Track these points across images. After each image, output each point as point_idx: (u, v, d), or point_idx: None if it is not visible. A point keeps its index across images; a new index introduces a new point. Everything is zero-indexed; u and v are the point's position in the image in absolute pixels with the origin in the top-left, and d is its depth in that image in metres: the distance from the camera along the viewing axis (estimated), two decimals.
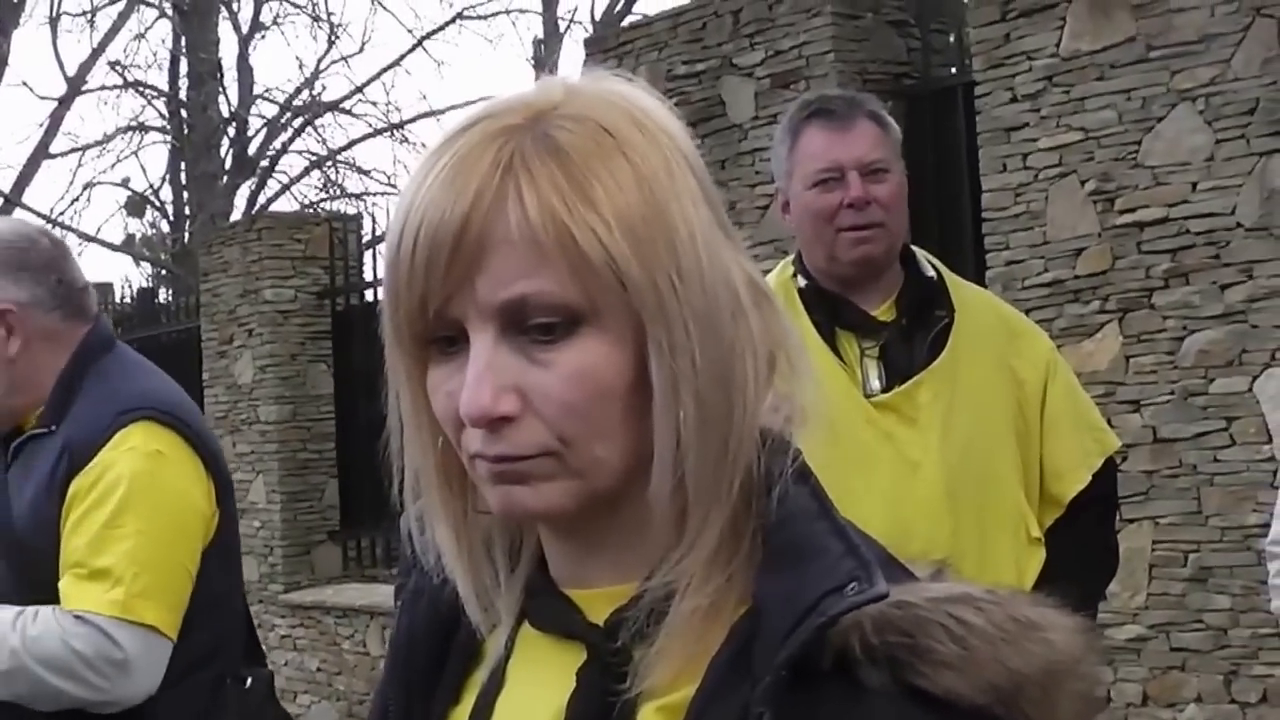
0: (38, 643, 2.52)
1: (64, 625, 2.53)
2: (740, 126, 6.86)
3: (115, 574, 2.55)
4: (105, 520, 2.56)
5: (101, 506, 2.57)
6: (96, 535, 2.56)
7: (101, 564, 2.55)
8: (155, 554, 2.59)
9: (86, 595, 2.54)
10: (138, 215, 23.63)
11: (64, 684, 2.53)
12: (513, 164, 0.98)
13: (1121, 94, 5.47)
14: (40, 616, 2.55)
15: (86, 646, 2.52)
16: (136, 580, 2.55)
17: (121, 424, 2.64)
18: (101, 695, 2.55)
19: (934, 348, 2.83)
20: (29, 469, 2.66)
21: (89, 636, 2.52)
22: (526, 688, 1.10)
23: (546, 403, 0.99)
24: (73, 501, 2.59)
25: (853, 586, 0.96)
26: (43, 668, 2.52)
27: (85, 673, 2.53)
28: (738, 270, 1.04)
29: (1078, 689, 0.98)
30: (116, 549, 2.56)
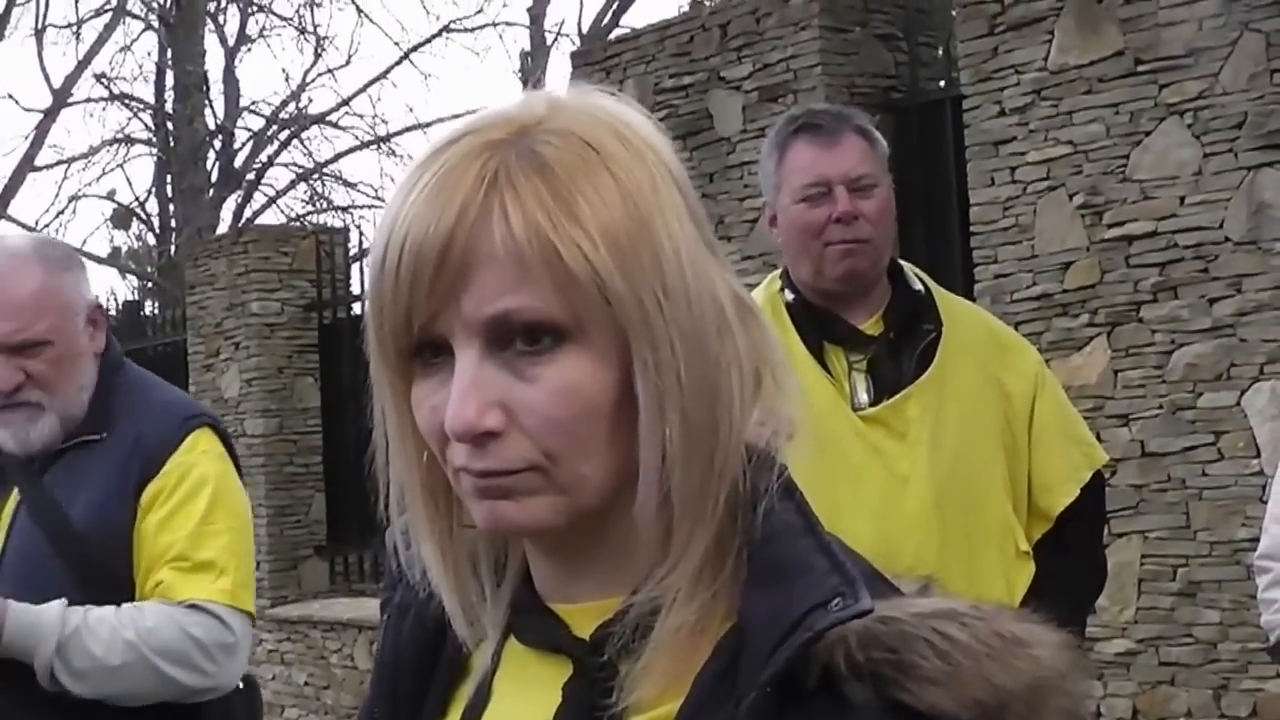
0: (154, 634, 2.60)
1: (179, 615, 2.63)
2: (728, 140, 6.87)
3: (219, 565, 2.67)
4: (200, 517, 2.68)
5: (191, 505, 2.68)
6: (195, 531, 2.67)
7: (205, 557, 2.66)
8: (243, 548, 2.76)
9: (198, 586, 2.65)
10: (123, 228, 23.65)
11: (178, 673, 2.61)
12: (497, 179, 0.98)
13: (1109, 108, 5.48)
14: (149, 609, 2.63)
15: (204, 634, 2.63)
16: (237, 571, 2.71)
17: (189, 429, 2.74)
18: (209, 682, 2.67)
19: (922, 361, 2.83)
20: (82, 473, 2.70)
21: (206, 624, 2.63)
22: (513, 702, 1.10)
23: (531, 418, 0.98)
24: (153, 502, 2.67)
25: (837, 602, 0.95)
26: (160, 658, 2.60)
27: (200, 660, 2.64)
28: (723, 286, 1.04)
29: (1064, 705, 0.97)
30: (215, 543, 2.68)
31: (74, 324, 2.70)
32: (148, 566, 2.66)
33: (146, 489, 2.67)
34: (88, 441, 2.71)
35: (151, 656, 2.58)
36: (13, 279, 2.66)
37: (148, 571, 2.67)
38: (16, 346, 2.64)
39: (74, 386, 2.71)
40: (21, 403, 2.67)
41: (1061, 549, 2.89)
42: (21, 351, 2.65)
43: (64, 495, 2.69)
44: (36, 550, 2.68)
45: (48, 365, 2.67)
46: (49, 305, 2.67)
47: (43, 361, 2.66)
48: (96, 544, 2.67)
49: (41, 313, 2.66)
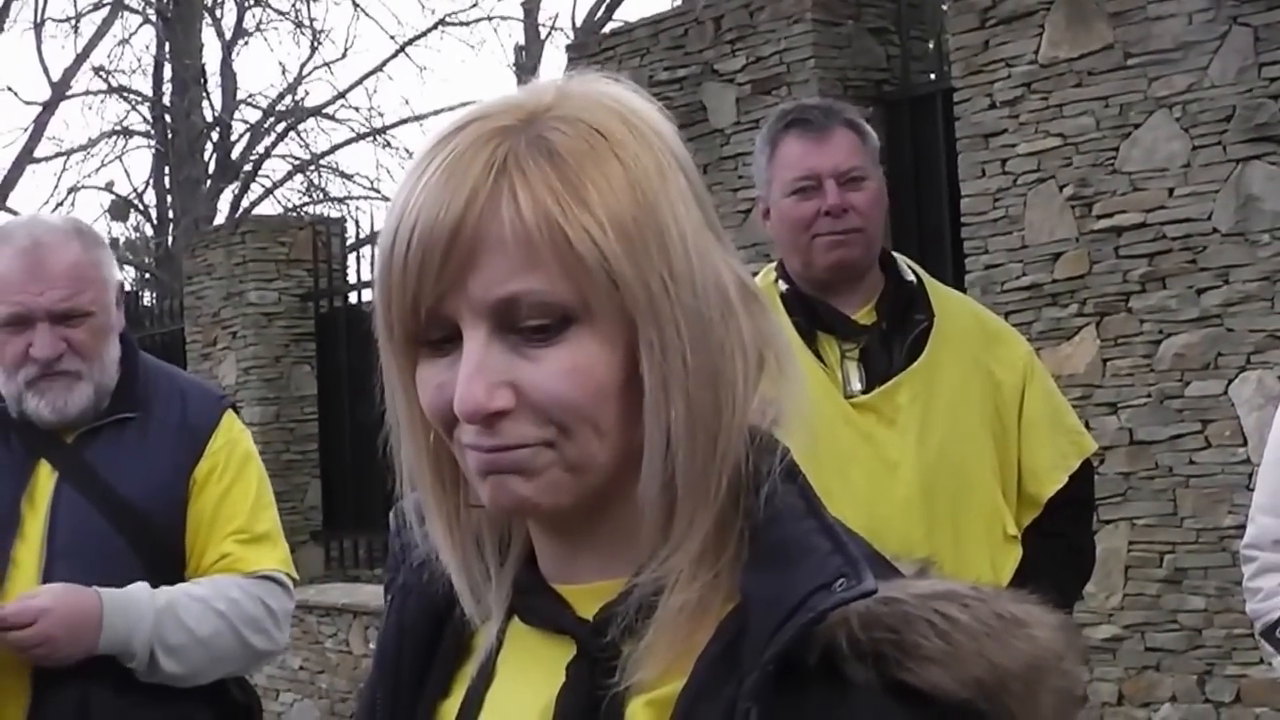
0: (239, 605, 2.69)
1: (255, 585, 2.73)
2: (722, 132, 6.90)
3: (274, 537, 2.81)
4: (255, 492, 2.79)
5: (243, 480, 2.79)
6: (252, 505, 2.77)
7: (263, 528, 2.79)
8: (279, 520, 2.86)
9: (263, 556, 2.77)
10: (121, 219, 23.61)
11: (257, 640, 2.73)
12: (507, 165, 0.99)
13: (1099, 101, 5.53)
14: (227, 582, 2.72)
15: (274, 600, 2.75)
16: (284, 540, 2.84)
17: (224, 409, 2.86)
18: (275, 647, 2.82)
19: (913, 350, 2.86)
20: (125, 451, 2.75)
21: (275, 592, 2.76)
22: (516, 682, 1.11)
23: (540, 397, 1.00)
24: (208, 479, 2.76)
25: (840, 583, 0.96)
26: (245, 627, 2.70)
27: (272, 627, 2.76)
28: (727, 271, 1.05)
29: (1060, 685, 0.99)
30: (268, 515, 2.81)
31: (110, 298, 2.75)
32: (206, 542, 2.74)
33: (198, 467, 2.75)
34: (123, 420, 2.76)
35: (239, 626, 2.68)
36: (59, 250, 2.70)
37: (206, 546, 2.73)
38: (62, 315, 2.68)
39: (108, 359, 2.75)
40: (60, 371, 2.70)
41: (1049, 535, 2.92)
42: (66, 320, 2.69)
43: (111, 473, 2.73)
44: (93, 528, 2.69)
45: (88, 335, 2.71)
46: (92, 277, 2.72)
47: (84, 331, 2.70)
48: (157, 520, 2.73)
49: (87, 283, 2.71)
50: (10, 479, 2.73)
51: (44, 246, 2.70)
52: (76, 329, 2.70)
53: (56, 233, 2.74)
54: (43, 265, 2.68)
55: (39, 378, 2.69)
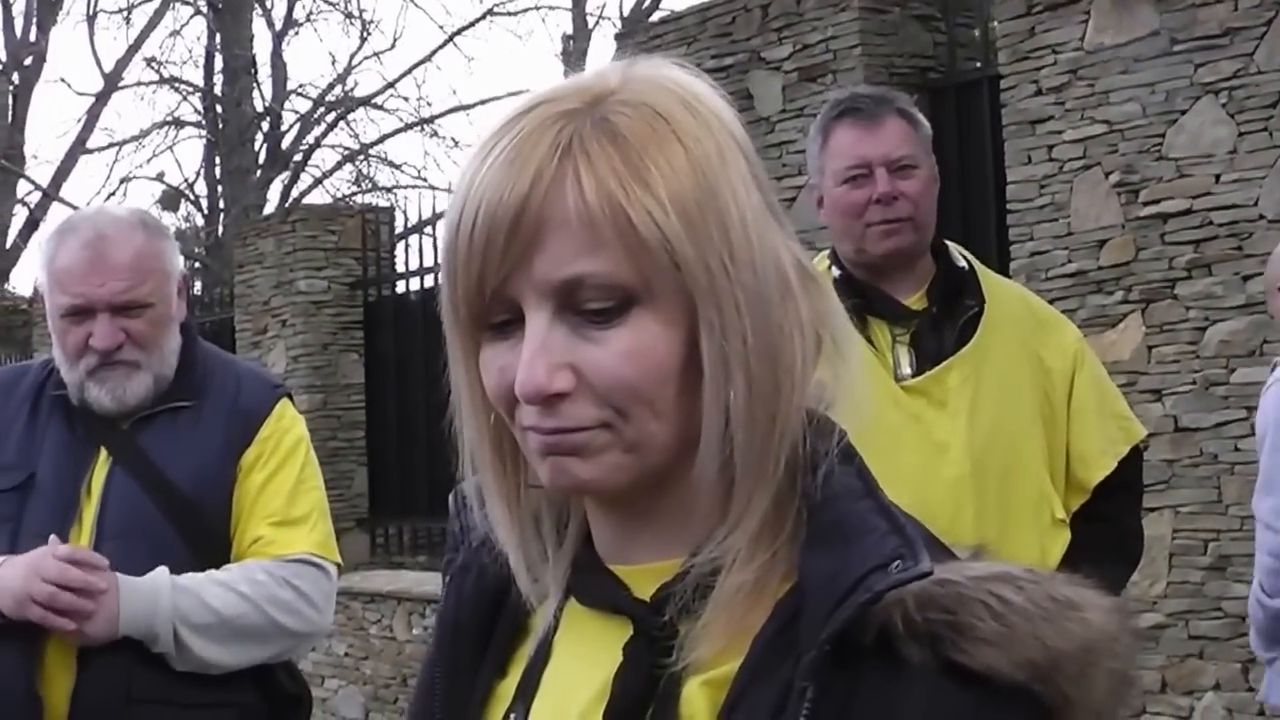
0: (264, 586, 2.73)
1: (282, 567, 2.77)
2: (768, 120, 6.91)
3: (311, 520, 2.84)
4: (296, 477, 2.83)
5: (288, 466, 2.83)
6: (291, 490, 2.82)
7: (299, 512, 2.83)
8: (326, 506, 2.91)
9: (295, 539, 2.81)
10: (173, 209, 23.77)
11: (289, 621, 2.76)
12: (571, 147, 1.00)
13: (1145, 87, 5.51)
14: (253, 564, 2.76)
15: (306, 582, 2.78)
16: (324, 525, 2.87)
17: (277, 397, 2.92)
18: (313, 629, 2.83)
19: (963, 335, 2.89)
20: (177, 437, 2.81)
21: (307, 573, 2.79)
22: (573, 661, 1.12)
23: (601, 378, 1.01)
24: (254, 465, 2.83)
25: (897, 564, 0.97)
26: (273, 607, 2.73)
27: (306, 608, 2.78)
28: (786, 253, 1.06)
29: (1113, 667, 0.99)
30: (308, 499, 2.85)
31: (171, 289, 2.81)
32: (245, 526, 2.79)
33: (246, 453, 2.81)
34: (178, 407, 2.82)
35: (264, 606, 2.71)
36: (121, 242, 2.77)
37: (245, 530, 2.79)
38: (121, 306, 2.75)
39: (167, 349, 2.82)
40: (119, 361, 2.76)
41: (1098, 521, 2.93)
42: (125, 312, 2.75)
43: (162, 459, 2.79)
44: (142, 514, 2.75)
45: (147, 326, 2.77)
46: (153, 269, 2.78)
47: (143, 322, 2.77)
48: (204, 506, 2.78)
49: (147, 275, 2.77)
50: (72, 464, 2.80)
51: (106, 239, 2.76)
52: (136, 320, 2.76)
53: (120, 225, 2.80)
54: (104, 258, 2.75)
55: (99, 367, 2.76)
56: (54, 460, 2.80)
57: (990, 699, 0.95)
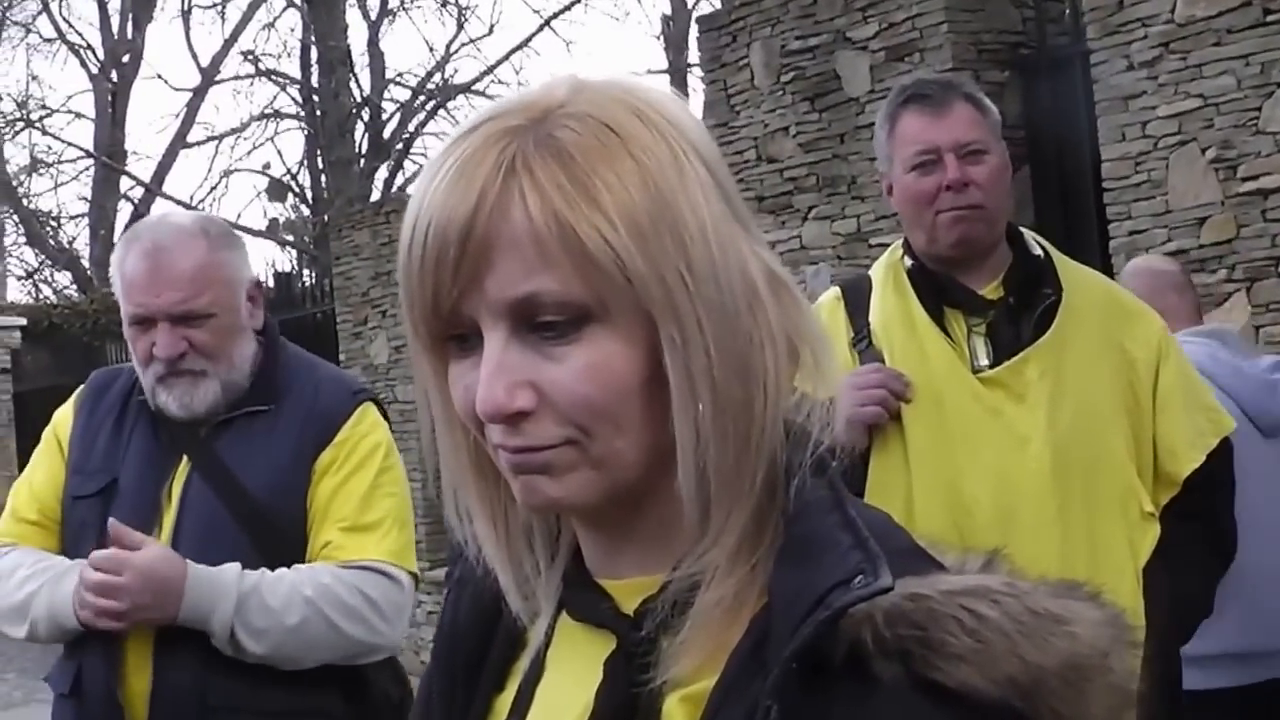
0: (330, 591, 2.69)
1: (352, 574, 2.73)
2: (856, 100, 6.83)
3: (385, 527, 2.80)
4: (370, 483, 2.80)
5: (362, 472, 2.81)
6: (365, 495, 2.79)
7: (371, 519, 2.79)
8: (406, 513, 2.86)
9: (365, 546, 2.77)
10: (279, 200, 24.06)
11: (354, 629, 2.71)
12: (515, 165, 0.99)
13: (1240, 59, 5.35)
14: (322, 569, 2.73)
15: (375, 590, 2.74)
16: (401, 533, 2.83)
17: (358, 402, 2.89)
18: (381, 640, 2.77)
19: (1040, 325, 2.84)
20: (253, 443, 2.81)
21: (378, 582, 2.75)
22: (563, 676, 1.12)
23: (562, 396, 1.00)
24: (327, 470, 2.80)
25: (860, 580, 0.94)
26: (337, 613, 2.70)
27: (373, 617, 2.73)
28: (755, 261, 1.04)
29: (1108, 682, 0.97)
30: (382, 505, 2.81)
31: (236, 298, 2.81)
32: (318, 531, 2.77)
33: (321, 457, 2.79)
34: (255, 412, 2.82)
35: (329, 612, 2.67)
36: (178, 253, 2.77)
37: (317, 535, 2.77)
38: (180, 317, 2.75)
39: (236, 356, 2.81)
40: (185, 370, 2.77)
41: (1189, 516, 2.87)
42: (186, 322, 2.76)
43: (236, 465, 2.79)
44: (216, 520, 2.76)
45: (210, 335, 2.77)
46: (213, 279, 2.78)
47: (206, 332, 2.77)
48: (274, 511, 2.78)
49: (205, 286, 2.76)
50: (154, 471, 2.82)
51: (164, 250, 2.77)
52: (197, 329, 2.77)
53: (180, 234, 2.80)
54: (160, 269, 2.75)
55: (166, 375, 2.78)
56: (136, 466, 2.82)
57: (968, 717, 0.93)
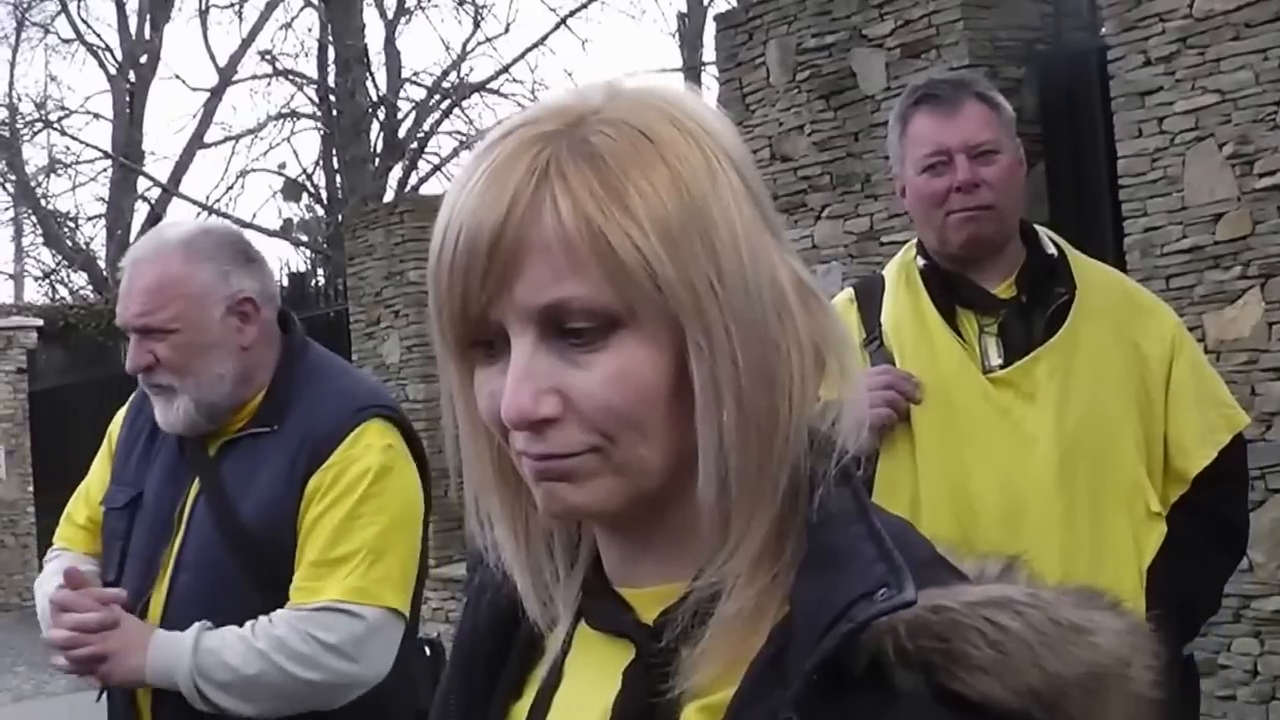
0: (283, 643, 2.60)
1: (307, 620, 2.62)
2: (872, 98, 6.81)
3: (354, 561, 2.65)
4: (346, 513, 2.65)
5: (344, 501, 2.66)
6: (338, 528, 2.65)
7: (340, 553, 2.65)
8: (392, 541, 2.69)
9: (327, 585, 2.64)
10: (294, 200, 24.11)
11: (313, 676, 2.61)
12: (548, 171, 0.99)
13: (1258, 54, 5.32)
14: (278, 618, 2.63)
15: (331, 634, 2.62)
16: (375, 566, 2.65)
17: (358, 421, 2.73)
18: (346, 680, 2.65)
19: (1052, 324, 2.83)
20: (254, 466, 2.72)
21: (334, 622, 2.62)
22: (581, 684, 1.11)
23: (587, 403, 0.99)
24: (313, 496, 2.68)
25: (883, 593, 0.95)
26: (293, 663, 2.60)
27: (331, 660, 2.61)
28: (784, 269, 1.04)
29: (1129, 691, 0.96)
30: (357, 538, 2.65)
31: (204, 314, 2.72)
32: (300, 564, 2.67)
33: (310, 482, 2.68)
34: (261, 433, 2.74)
35: (284, 662, 2.59)
36: (147, 266, 2.72)
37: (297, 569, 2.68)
38: (143, 330, 2.70)
39: (208, 374, 2.72)
40: (156, 385, 2.73)
41: (1198, 512, 2.86)
42: (150, 336, 2.71)
43: (236, 487, 2.72)
44: (212, 547, 2.71)
45: (173, 351, 2.70)
46: (177, 294, 2.70)
47: (168, 347, 2.70)
48: (264, 539, 2.69)
49: (168, 300, 2.70)
50: (172, 487, 2.78)
51: (138, 261, 2.74)
52: (160, 343, 2.71)
53: (161, 246, 2.75)
54: (131, 280, 2.73)
55: (148, 388, 2.77)
56: (158, 481, 2.79)
57: None
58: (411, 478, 2.78)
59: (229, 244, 2.81)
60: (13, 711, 10.69)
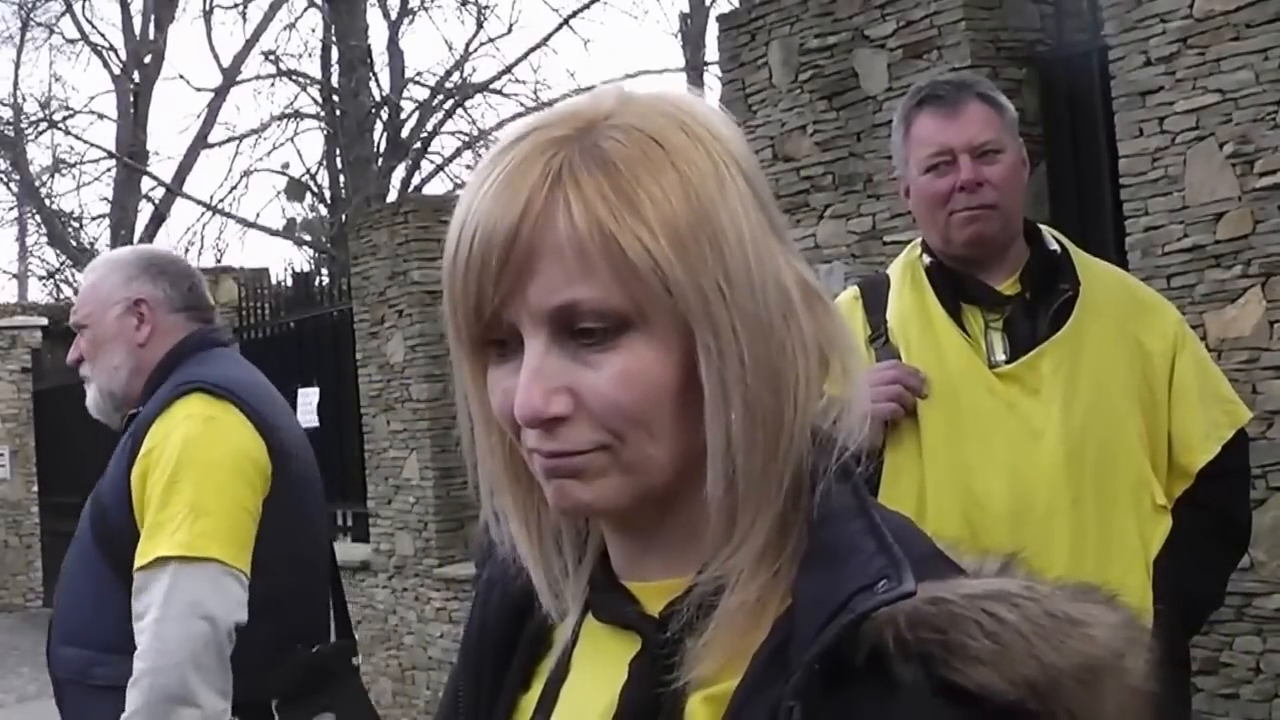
0: (147, 645, 2.84)
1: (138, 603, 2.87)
2: (874, 98, 6.82)
3: (176, 521, 2.88)
4: (165, 484, 2.91)
5: (162, 472, 2.93)
6: (161, 494, 2.90)
7: (163, 516, 2.89)
8: (212, 499, 2.91)
9: (157, 544, 2.87)
10: (297, 199, 24.12)
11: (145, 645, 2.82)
12: (561, 175, 1.02)
13: (1258, 54, 5.31)
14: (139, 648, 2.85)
15: (145, 599, 2.84)
16: (197, 523, 2.87)
17: (176, 395, 3.03)
18: (214, 634, 2.83)
19: (1057, 320, 2.86)
20: (119, 453, 3.04)
21: (150, 582, 2.85)
22: (588, 677, 1.14)
23: (597, 402, 1.02)
24: (143, 473, 2.95)
25: (883, 584, 0.97)
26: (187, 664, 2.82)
27: (157, 621, 2.81)
28: (789, 272, 1.06)
29: (1124, 683, 0.99)
30: (177, 499, 2.89)
31: (107, 312, 3.15)
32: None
33: (135, 465, 2.97)
34: (131, 418, 3.11)
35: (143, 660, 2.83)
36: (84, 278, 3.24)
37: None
38: (74, 327, 3.20)
39: (107, 365, 3.16)
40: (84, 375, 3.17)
41: (1201, 507, 2.88)
42: (78, 332, 3.18)
43: (108, 469, 3.06)
44: (84, 522, 3.05)
45: (88, 345, 3.18)
46: (89, 297, 3.19)
47: (85, 341, 3.18)
48: (112, 513, 2.98)
49: (84, 302, 3.20)
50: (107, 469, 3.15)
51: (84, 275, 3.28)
52: (81, 339, 3.20)
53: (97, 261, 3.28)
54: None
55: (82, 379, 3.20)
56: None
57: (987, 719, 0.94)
58: (238, 439, 2.99)
59: (143, 258, 3.25)
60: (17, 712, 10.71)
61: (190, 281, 3.22)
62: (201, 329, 3.19)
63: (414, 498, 10.17)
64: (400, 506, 10.33)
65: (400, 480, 10.27)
